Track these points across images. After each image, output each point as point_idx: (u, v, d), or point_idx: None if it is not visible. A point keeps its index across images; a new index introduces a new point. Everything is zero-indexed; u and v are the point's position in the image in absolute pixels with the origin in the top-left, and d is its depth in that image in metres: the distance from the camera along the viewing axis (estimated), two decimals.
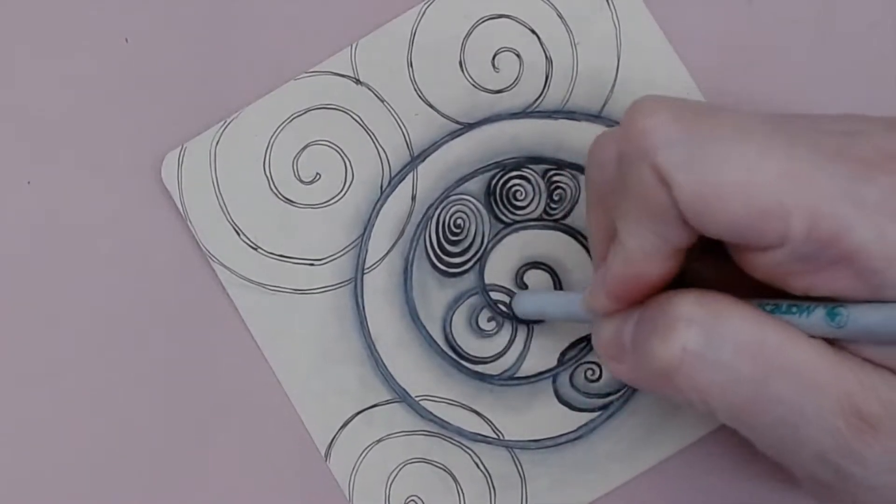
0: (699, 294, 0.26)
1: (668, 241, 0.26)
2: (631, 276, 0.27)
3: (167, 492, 0.35)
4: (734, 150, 0.25)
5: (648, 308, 0.27)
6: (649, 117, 0.26)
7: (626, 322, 0.28)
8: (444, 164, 0.35)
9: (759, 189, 0.24)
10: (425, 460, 0.34)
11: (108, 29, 0.36)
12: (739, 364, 0.25)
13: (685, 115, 0.26)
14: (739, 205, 0.24)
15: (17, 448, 0.35)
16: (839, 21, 0.35)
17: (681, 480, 0.34)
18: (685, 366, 0.26)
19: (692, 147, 0.25)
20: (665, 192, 0.25)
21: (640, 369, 0.27)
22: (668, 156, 0.25)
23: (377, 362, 0.35)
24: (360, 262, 0.35)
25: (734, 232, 0.25)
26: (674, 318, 0.26)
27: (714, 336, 0.26)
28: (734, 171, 0.25)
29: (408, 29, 0.35)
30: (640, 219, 0.26)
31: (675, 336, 0.26)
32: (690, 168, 0.25)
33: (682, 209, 0.25)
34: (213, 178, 0.35)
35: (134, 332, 0.35)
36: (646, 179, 0.25)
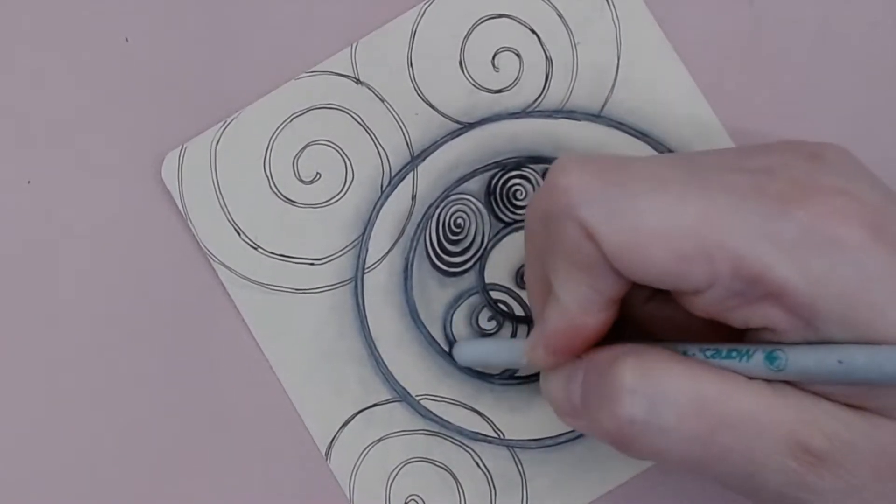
0: (636, 358, 0.27)
1: (601, 292, 0.27)
2: (568, 330, 0.28)
3: (168, 491, 0.35)
4: (652, 199, 0.26)
5: (592, 371, 0.28)
6: (568, 175, 0.27)
7: (572, 379, 0.29)
8: (444, 164, 0.35)
9: (680, 235, 0.25)
10: (426, 459, 0.34)
11: (108, 29, 0.36)
12: (684, 425, 0.26)
13: (602, 170, 0.27)
14: (663, 252, 0.25)
15: (17, 447, 0.35)
16: (839, 21, 0.35)
17: (681, 479, 0.34)
18: (636, 435, 0.26)
19: (612, 200, 0.26)
20: (592, 245, 0.26)
21: (594, 431, 0.28)
22: (590, 210, 0.26)
23: (377, 362, 0.35)
24: (360, 261, 0.35)
25: (662, 278, 0.26)
26: (616, 388, 0.27)
27: (656, 403, 0.26)
28: (654, 220, 0.25)
29: (408, 28, 0.35)
30: (571, 273, 0.27)
31: (620, 409, 0.26)
32: (612, 220, 0.26)
33: (610, 260, 0.26)
34: (214, 178, 0.35)
35: (134, 332, 0.35)
36: (572, 235, 0.26)
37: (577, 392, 0.28)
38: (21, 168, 0.36)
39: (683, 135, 0.35)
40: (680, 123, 0.35)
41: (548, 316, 0.28)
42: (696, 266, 0.25)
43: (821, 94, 0.35)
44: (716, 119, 0.35)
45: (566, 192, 0.26)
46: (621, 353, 0.27)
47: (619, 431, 0.27)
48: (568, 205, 0.26)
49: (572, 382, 0.29)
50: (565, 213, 0.26)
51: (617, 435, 0.27)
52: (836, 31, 0.35)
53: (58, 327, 0.35)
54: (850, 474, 0.25)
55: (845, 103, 0.35)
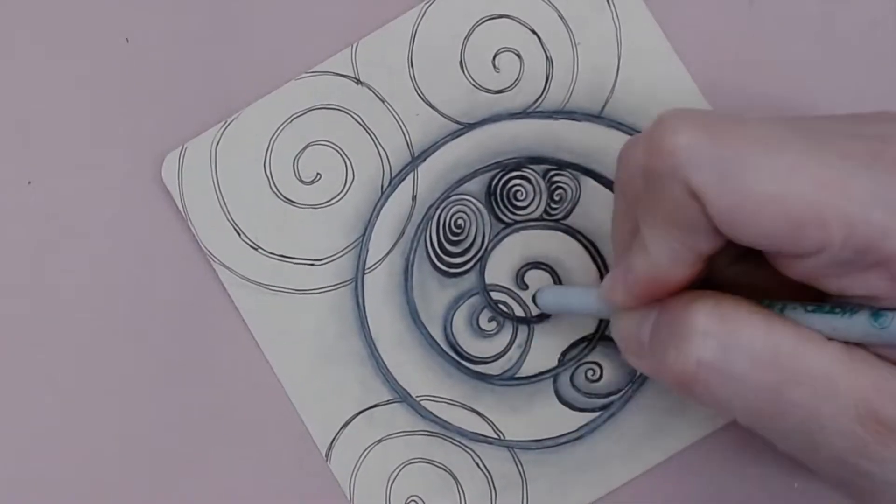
0: (714, 303, 0.26)
1: (695, 250, 0.26)
2: (654, 279, 0.27)
3: (167, 492, 0.35)
4: (766, 163, 0.25)
5: (665, 312, 0.28)
6: (678, 134, 0.25)
7: (644, 320, 0.28)
8: (444, 165, 0.35)
9: (795, 201, 0.24)
10: (426, 460, 0.34)
11: (108, 29, 0.36)
12: (754, 374, 0.26)
13: (712, 129, 0.26)
14: (776, 217, 0.25)
15: (17, 447, 0.35)
16: (839, 21, 0.35)
17: (682, 480, 0.34)
18: (701, 377, 0.26)
19: (723, 163, 0.25)
20: (697, 207, 0.25)
21: (658, 372, 0.28)
22: (701, 174, 0.25)
23: (378, 362, 0.35)
24: (360, 262, 0.35)
25: (771, 242, 0.25)
26: (689, 329, 0.26)
27: (729, 348, 0.26)
28: (768, 185, 0.25)
29: (408, 29, 0.35)
30: (668, 229, 0.26)
31: (690, 348, 0.26)
32: (724, 184, 0.25)
33: (717, 223, 0.25)
34: (214, 179, 0.35)
35: (134, 332, 0.35)
36: (677, 196, 0.25)
37: (647, 332, 0.28)
38: (21, 168, 0.36)
39: None
40: None
41: (634, 264, 0.27)
42: (808, 232, 0.24)
43: (821, 93, 0.35)
44: None
45: (675, 152, 0.25)
46: (698, 297, 0.27)
47: (685, 372, 0.26)
48: (675, 166, 0.25)
49: (644, 322, 0.28)
50: (671, 174, 0.25)
51: (682, 376, 0.26)
52: (835, 30, 0.35)
53: (58, 327, 0.35)
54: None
55: (845, 103, 0.35)
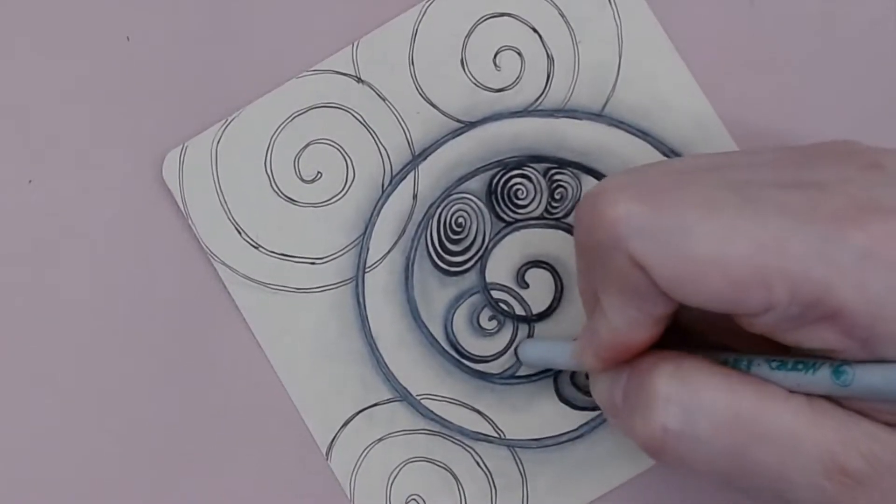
0: (674, 367, 0.27)
1: (650, 314, 0.27)
2: (616, 344, 0.28)
3: (167, 490, 0.35)
4: (704, 227, 0.25)
5: (632, 377, 0.28)
6: (616, 205, 0.26)
7: (616, 382, 0.28)
8: (445, 163, 0.35)
9: (736, 263, 0.25)
10: (426, 459, 0.34)
11: (109, 28, 0.36)
12: (718, 437, 0.26)
13: (650, 196, 0.26)
14: (718, 281, 0.25)
15: (18, 446, 0.35)
16: (840, 21, 0.35)
17: (681, 480, 0.34)
18: (668, 444, 0.26)
19: (662, 231, 0.25)
20: (642, 274, 0.26)
21: (629, 436, 0.28)
22: (640, 242, 0.25)
23: (378, 361, 0.35)
24: (361, 261, 0.35)
25: (718, 304, 0.25)
26: (652, 396, 0.26)
27: (691, 412, 0.26)
28: (707, 248, 0.25)
29: (409, 27, 0.35)
30: (620, 297, 0.27)
31: (654, 416, 0.26)
32: (665, 251, 0.25)
33: (662, 288, 0.25)
34: (215, 177, 0.35)
35: (135, 331, 0.35)
36: (622, 266, 0.26)
37: (620, 395, 0.28)
38: (22, 168, 0.36)
39: (685, 134, 0.35)
40: (681, 122, 0.35)
41: (597, 328, 0.28)
42: (752, 292, 0.25)
43: (821, 93, 0.35)
44: (717, 118, 0.35)
45: (614, 224, 0.26)
46: (660, 360, 0.27)
47: (652, 438, 0.26)
48: (616, 237, 0.26)
49: (616, 385, 0.28)
50: (614, 245, 0.26)
51: (650, 441, 0.27)
52: (836, 30, 0.35)
53: (58, 326, 0.35)
54: (885, 498, 0.25)
55: (845, 103, 0.35)
